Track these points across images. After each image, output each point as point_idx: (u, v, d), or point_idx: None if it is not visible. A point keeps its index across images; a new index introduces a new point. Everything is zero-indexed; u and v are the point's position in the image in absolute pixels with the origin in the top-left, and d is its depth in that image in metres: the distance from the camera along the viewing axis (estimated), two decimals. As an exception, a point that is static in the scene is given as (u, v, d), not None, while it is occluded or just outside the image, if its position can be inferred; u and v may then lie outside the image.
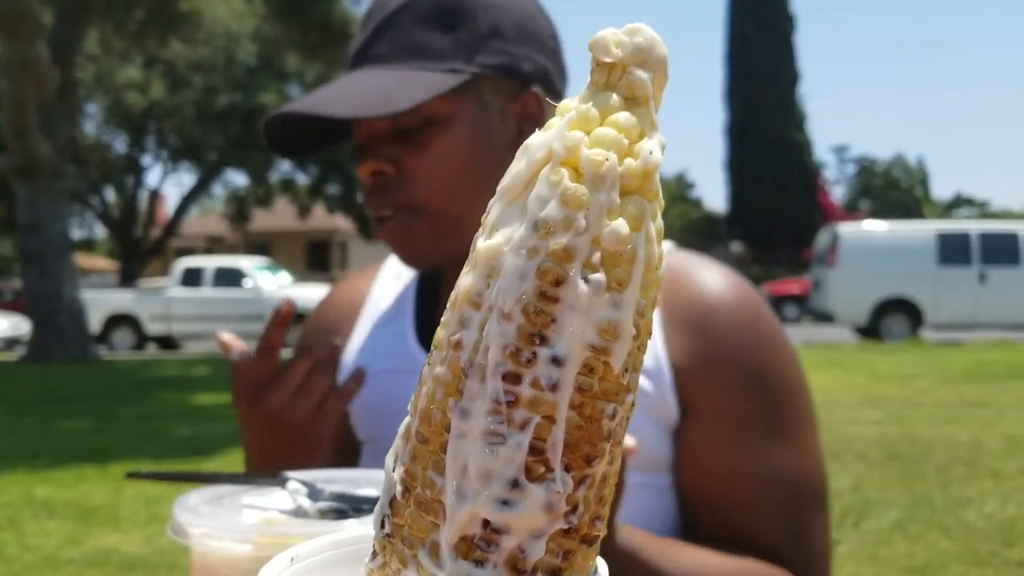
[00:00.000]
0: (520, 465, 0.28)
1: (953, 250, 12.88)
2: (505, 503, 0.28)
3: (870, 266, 12.89)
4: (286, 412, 0.73)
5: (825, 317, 13.83)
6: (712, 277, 0.81)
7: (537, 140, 0.30)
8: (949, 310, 12.95)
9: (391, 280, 0.96)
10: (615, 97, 0.30)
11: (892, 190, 38.15)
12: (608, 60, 0.30)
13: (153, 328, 14.40)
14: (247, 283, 14.31)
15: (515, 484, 0.28)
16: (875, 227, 13.86)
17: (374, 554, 0.32)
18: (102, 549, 3.69)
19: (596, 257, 0.29)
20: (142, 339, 14.54)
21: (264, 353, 0.73)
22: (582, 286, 0.28)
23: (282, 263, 19.27)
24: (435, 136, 0.78)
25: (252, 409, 0.74)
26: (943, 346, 12.15)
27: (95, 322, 13.53)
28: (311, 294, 12.18)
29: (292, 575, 0.35)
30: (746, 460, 0.75)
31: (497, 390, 0.29)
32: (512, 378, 0.29)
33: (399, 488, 0.31)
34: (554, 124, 0.30)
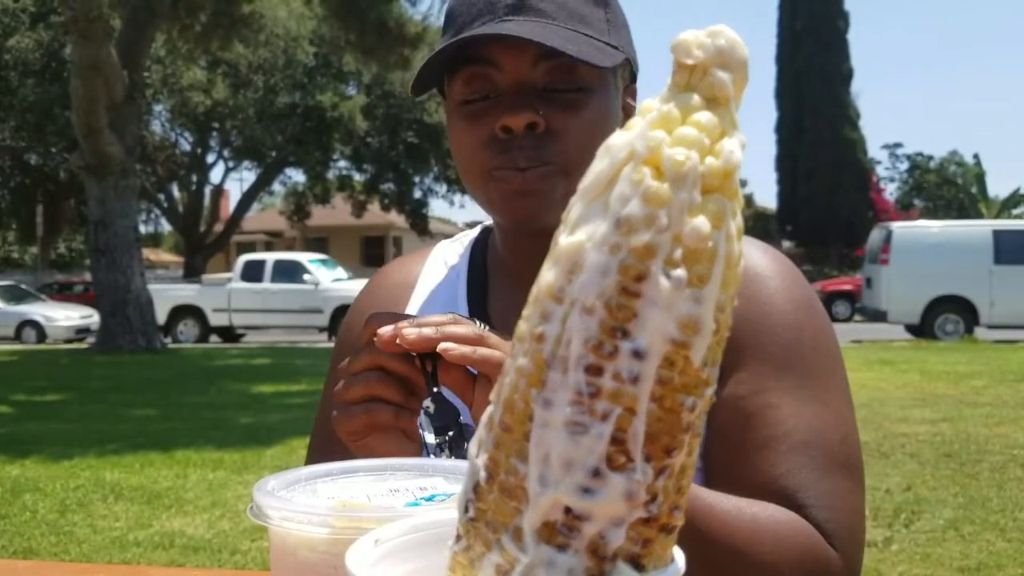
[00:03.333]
0: (602, 454, 0.29)
1: (1010, 248, 12.51)
2: (587, 491, 0.29)
3: (923, 264, 12.59)
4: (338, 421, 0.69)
5: (877, 315, 13.49)
6: (749, 249, 0.81)
7: (619, 140, 0.31)
8: (1005, 309, 12.58)
9: (439, 265, 0.95)
10: (696, 97, 0.31)
11: (947, 187, 36.76)
12: (690, 62, 0.31)
13: (216, 320, 14.87)
14: (305, 277, 14.64)
15: (596, 473, 0.29)
16: (929, 225, 13.55)
17: (458, 537, 0.33)
18: (167, 532, 3.83)
19: (677, 254, 0.29)
20: (206, 330, 15.02)
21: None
22: (664, 282, 0.29)
23: (338, 258, 19.62)
24: (586, 102, 0.79)
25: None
26: (998, 345, 11.69)
27: (161, 314, 14.02)
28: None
29: (378, 557, 0.37)
30: (771, 406, 0.74)
31: (579, 382, 0.30)
32: (594, 370, 0.29)
33: (483, 474, 0.32)
34: (636, 124, 0.31)
